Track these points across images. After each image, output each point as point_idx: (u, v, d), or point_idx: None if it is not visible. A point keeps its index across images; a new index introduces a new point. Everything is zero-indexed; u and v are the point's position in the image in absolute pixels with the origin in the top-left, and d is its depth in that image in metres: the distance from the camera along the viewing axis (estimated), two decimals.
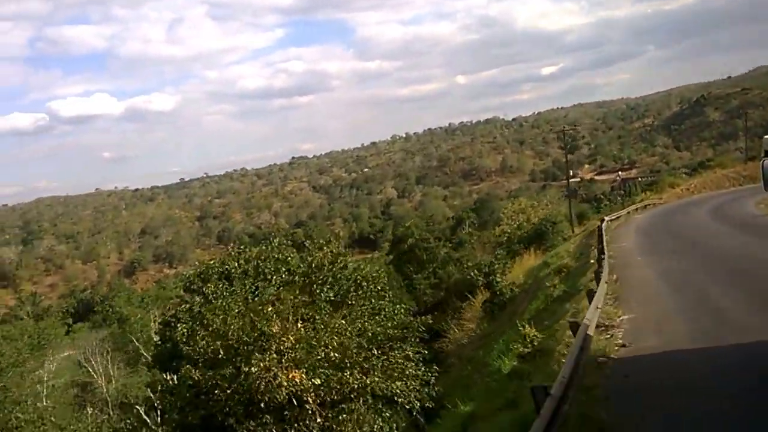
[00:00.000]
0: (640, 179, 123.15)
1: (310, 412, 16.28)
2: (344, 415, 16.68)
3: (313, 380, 15.82)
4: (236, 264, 22.17)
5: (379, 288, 20.71)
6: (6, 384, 26.41)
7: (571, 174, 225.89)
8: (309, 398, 16.04)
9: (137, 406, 33.91)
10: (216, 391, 16.41)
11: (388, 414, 17.98)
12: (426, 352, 20.35)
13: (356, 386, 16.35)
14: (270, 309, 16.88)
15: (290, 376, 15.58)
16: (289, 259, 21.88)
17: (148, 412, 31.53)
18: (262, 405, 15.92)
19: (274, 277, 21.20)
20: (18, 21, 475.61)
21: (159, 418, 28.13)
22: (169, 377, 22.45)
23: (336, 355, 16.20)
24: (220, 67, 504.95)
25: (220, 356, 16.67)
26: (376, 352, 17.90)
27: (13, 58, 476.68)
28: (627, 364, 11.75)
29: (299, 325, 17.16)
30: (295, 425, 16.36)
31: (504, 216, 62.28)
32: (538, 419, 7.39)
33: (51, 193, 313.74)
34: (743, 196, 43.83)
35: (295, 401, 16.12)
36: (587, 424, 8.70)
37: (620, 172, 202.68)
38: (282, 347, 16.09)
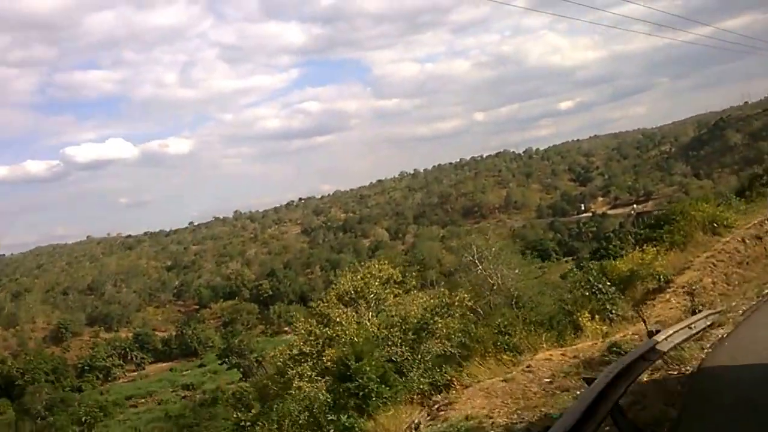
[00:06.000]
0: (655, 213, 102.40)
1: None
2: None
3: None
4: None
5: None
6: None
7: (583, 208, 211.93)
8: None
9: None
10: None
11: None
12: None
13: None
14: None
15: None
16: None
17: None
18: None
19: None
20: (24, 67, 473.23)
21: None
22: None
23: None
24: (236, 109, 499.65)
25: None
26: None
27: (22, 104, 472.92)
28: None
29: None
30: None
31: (297, 326, 28.25)
32: None
33: (69, 240, 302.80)
34: None
35: None
36: None
37: (635, 206, 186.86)
38: None
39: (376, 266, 28.11)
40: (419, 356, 22.06)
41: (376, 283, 26.56)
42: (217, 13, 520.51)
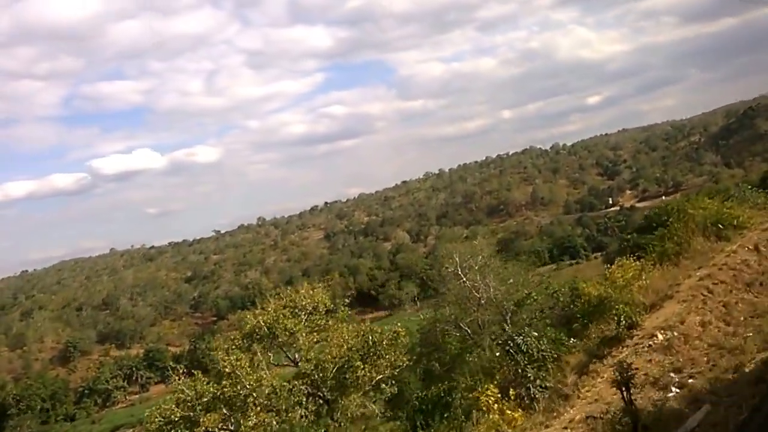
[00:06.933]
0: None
1: None
2: None
3: None
4: None
5: None
6: None
7: (611, 201, 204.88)
8: None
9: None
10: None
11: None
12: None
13: None
14: None
15: None
16: None
17: None
18: None
19: None
20: (51, 80, 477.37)
21: None
22: None
23: None
24: (261, 115, 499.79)
25: None
26: None
27: (48, 117, 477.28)
28: None
29: None
30: None
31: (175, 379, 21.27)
32: None
33: (94, 253, 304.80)
34: None
35: None
36: None
37: (664, 197, 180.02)
38: None
39: (302, 291, 22.90)
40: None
41: (303, 316, 21.54)
42: (243, 19, 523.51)
